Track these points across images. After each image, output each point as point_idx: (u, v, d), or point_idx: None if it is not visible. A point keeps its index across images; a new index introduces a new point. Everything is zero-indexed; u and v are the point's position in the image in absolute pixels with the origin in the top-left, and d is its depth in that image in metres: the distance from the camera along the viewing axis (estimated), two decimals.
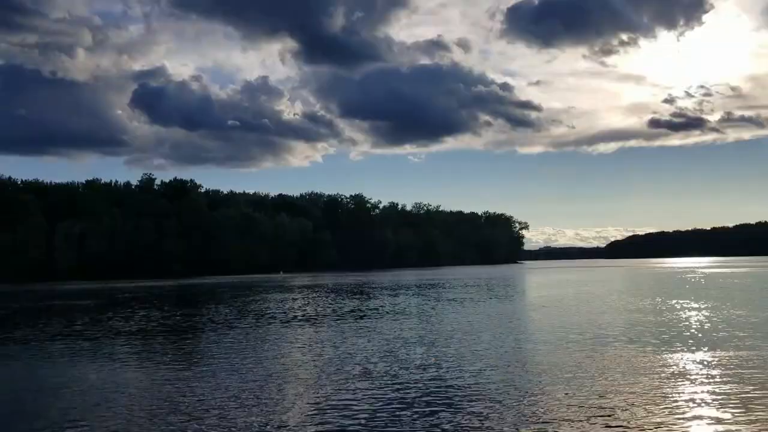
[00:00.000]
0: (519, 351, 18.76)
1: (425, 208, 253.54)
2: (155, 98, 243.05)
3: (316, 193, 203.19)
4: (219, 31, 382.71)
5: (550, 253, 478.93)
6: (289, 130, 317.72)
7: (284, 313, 34.25)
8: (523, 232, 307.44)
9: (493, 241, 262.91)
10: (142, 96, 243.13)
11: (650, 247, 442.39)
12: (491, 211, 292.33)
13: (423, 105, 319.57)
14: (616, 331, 22.56)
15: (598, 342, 20.04)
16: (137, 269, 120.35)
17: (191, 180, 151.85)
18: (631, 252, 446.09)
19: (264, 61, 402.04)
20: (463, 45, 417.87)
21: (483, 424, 10.86)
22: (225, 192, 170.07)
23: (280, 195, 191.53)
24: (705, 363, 15.91)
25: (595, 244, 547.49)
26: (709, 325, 24.12)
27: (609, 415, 11.14)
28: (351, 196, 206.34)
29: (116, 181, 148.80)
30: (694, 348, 18.39)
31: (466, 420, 11.11)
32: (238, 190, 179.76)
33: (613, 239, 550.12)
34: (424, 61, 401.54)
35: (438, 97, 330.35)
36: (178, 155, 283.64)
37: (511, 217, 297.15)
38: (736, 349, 17.82)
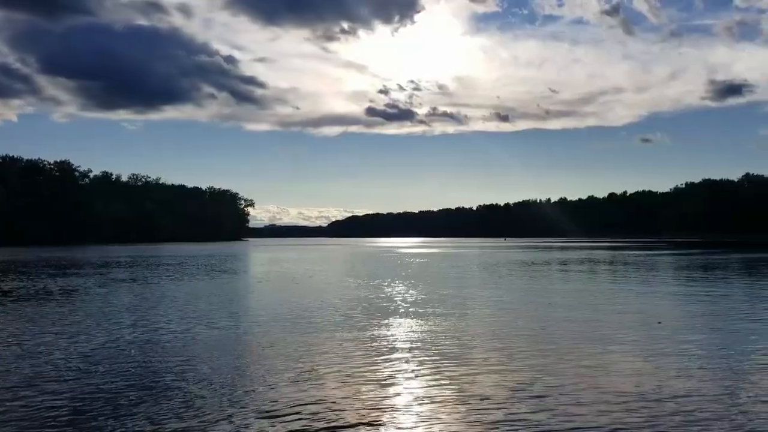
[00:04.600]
0: (223, 333, 17.14)
1: (143, 179, 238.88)
2: None
3: (12, 156, 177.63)
4: None
5: (274, 231, 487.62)
6: None
7: None
8: (249, 209, 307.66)
9: (217, 217, 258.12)
10: None
11: (367, 227, 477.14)
12: (216, 186, 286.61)
13: (138, 68, 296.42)
14: (324, 309, 22.27)
15: (304, 320, 19.39)
16: None
17: None
18: (350, 232, 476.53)
19: None
20: (184, 10, 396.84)
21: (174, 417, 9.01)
22: None
23: None
24: (406, 335, 16.07)
25: (318, 223, 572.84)
26: (405, 300, 25.22)
27: (316, 390, 10.13)
28: (55, 162, 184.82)
29: None
30: (393, 323, 18.70)
31: (160, 415, 9.14)
32: None
33: (334, 219, 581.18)
34: (141, 21, 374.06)
35: (155, 61, 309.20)
36: None
37: (237, 193, 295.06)
38: (430, 321, 18.51)
